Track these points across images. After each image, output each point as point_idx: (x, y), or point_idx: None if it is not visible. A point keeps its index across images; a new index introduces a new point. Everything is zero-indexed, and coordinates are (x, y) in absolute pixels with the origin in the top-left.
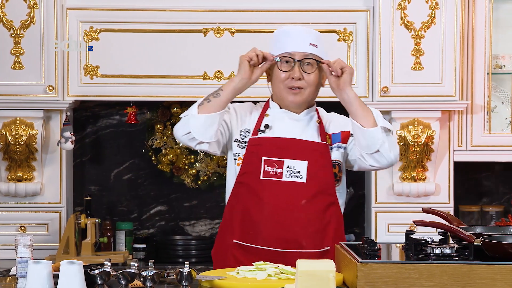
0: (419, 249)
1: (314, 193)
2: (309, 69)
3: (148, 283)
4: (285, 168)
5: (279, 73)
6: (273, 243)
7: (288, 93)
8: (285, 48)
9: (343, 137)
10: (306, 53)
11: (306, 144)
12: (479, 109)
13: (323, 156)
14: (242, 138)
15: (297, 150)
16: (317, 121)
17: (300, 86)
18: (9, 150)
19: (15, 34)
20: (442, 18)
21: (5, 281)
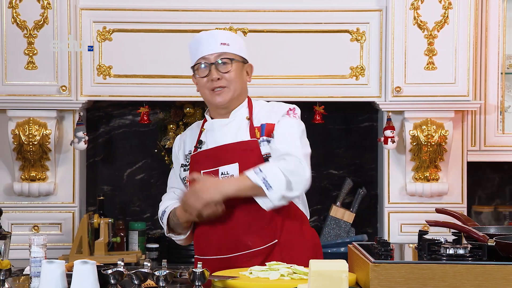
0: (432, 249)
1: None
2: (225, 68)
3: (161, 283)
4: (220, 176)
5: (200, 79)
6: (224, 250)
7: (212, 96)
8: (198, 54)
9: (267, 130)
10: (218, 53)
11: (235, 146)
12: (493, 109)
13: (253, 153)
14: (187, 161)
15: (228, 155)
16: (247, 118)
17: (221, 85)
18: (22, 150)
19: (29, 34)
20: (455, 18)
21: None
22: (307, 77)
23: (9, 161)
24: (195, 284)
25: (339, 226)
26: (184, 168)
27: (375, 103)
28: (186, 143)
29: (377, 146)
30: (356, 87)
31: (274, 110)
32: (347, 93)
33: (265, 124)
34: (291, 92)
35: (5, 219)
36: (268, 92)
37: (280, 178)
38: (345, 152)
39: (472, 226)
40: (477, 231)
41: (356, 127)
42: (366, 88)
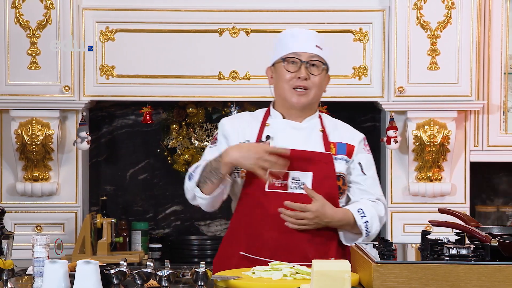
0: (435, 249)
1: None
2: (315, 70)
3: (163, 283)
4: (290, 180)
5: (284, 73)
6: (278, 255)
7: (292, 94)
8: (291, 49)
9: (348, 151)
10: (312, 54)
11: (310, 154)
12: (495, 109)
13: (327, 166)
14: None
15: (302, 161)
16: (320, 130)
17: (306, 86)
18: (25, 150)
19: (32, 35)
20: (458, 18)
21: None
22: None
23: (12, 161)
24: (198, 284)
25: None
26: None
27: (378, 103)
28: (242, 130)
29: (379, 146)
30: (358, 87)
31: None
32: (350, 93)
33: (346, 144)
34: None
35: (8, 219)
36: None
37: (377, 228)
38: None
39: (475, 226)
40: (480, 231)
41: (359, 127)
42: (369, 88)
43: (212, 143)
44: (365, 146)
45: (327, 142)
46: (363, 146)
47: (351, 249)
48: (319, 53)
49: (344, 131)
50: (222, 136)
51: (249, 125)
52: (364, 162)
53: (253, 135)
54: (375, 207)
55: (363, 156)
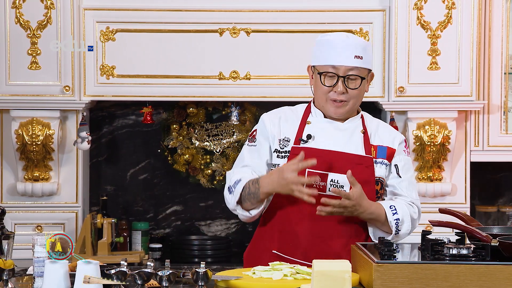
0: (435, 249)
1: None
2: (352, 84)
3: (164, 283)
4: (328, 182)
5: (320, 85)
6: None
7: (330, 105)
8: (328, 61)
9: (389, 154)
10: (350, 67)
11: (350, 157)
12: (496, 109)
13: (367, 170)
14: (281, 147)
15: (341, 164)
16: (362, 131)
17: (343, 99)
18: (26, 150)
19: (32, 35)
20: (458, 18)
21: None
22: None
23: (12, 161)
24: (198, 284)
25: None
26: (279, 154)
27: (378, 103)
28: (282, 127)
29: None
30: None
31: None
32: None
33: (386, 148)
34: (295, 92)
35: (8, 219)
36: (272, 92)
37: (407, 229)
38: None
39: (476, 226)
40: (481, 231)
41: None
42: (370, 88)
43: (250, 142)
44: (405, 148)
45: (368, 144)
46: (403, 148)
47: (352, 249)
48: (358, 64)
49: (385, 133)
50: (261, 136)
51: (289, 122)
52: (401, 164)
53: (293, 132)
54: (409, 207)
55: (401, 158)
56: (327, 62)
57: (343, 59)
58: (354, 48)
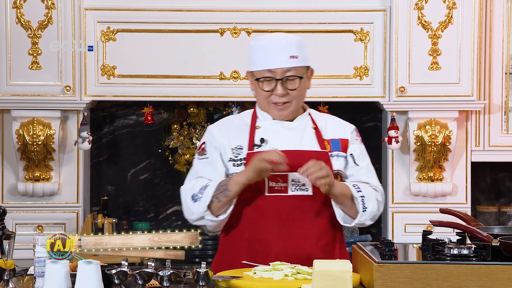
0: (436, 249)
1: (320, 205)
2: (291, 85)
3: (165, 283)
4: (290, 182)
5: (260, 90)
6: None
7: (273, 109)
8: (264, 65)
9: (343, 146)
10: (286, 68)
11: (306, 154)
12: (497, 109)
13: None
14: (235, 156)
15: (299, 162)
16: (313, 127)
17: (285, 101)
18: (26, 150)
19: (33, 35)
20: (459, 18)
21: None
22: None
23: (13, 161)
24: (199, 284)
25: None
26: (234, 163)
27: (379, 103)
28: (231, 136)
29: (381, 146)
30: (360, 87)
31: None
32: (351, 93)
33: (339, 140)
34: None
35: (9, 219)
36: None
37: (373, 207)
38: None
39: (476, 226)
40: (481, 231)
41: (360, 127)
42: (370, 88)
43: (200, 155)
44: (357, 137)
45: (321, 139)
46: (355, 137)
47: (353, 249)
48: (294, 64)
49: (335, 125)
50: (212, 147)
51: (238, 129)
52: (357, 153)
53: (245, 139)
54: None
55: (355, 147)
56: (263, 66)
57: (278, 61)
58: (288, 49)
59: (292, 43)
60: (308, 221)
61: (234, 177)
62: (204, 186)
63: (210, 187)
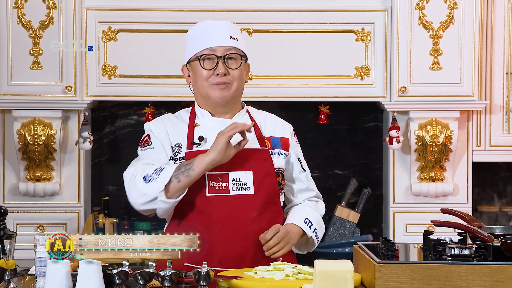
0: (437, 249)
1: (262, 204)
2: (233, 64)
3: (166, 283)
4: (230, 181)
5: (201, 71)
6: (228, 262)
7: (214, 90)
8: (205, 44)
9: (283, 144)
10: (228, 47)
11: (246, 152)
12: (498, 109)
13: (266, 162)
14: (175, 154)
15: (239, 160)
16: (252, 124)
17: (226, 81)
18: (28, 150)
19: (34, 35)
20: (460, 18)
21: (24, 280)
22: (312, 77)
23: (14, 161)
24: (200, 284)
25: (344, 226)
26: (174, 162)
27: (380, 103)
28: (170, 134)
29: (382, 146)
30: (361, 87)
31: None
32: (352, 93)
33: (279, 138)
34: (296, 92)
35: (10, 219)
36: (274, 92)
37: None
38: (350, 152)
39: (477, 226)
40: (483, 231)
41: (361, 127)
42: (371, 88)
43: (144, 146)
44: (296, 138)
45: (261, 136)
46: (295, 138)
47: (354, 249)
48: (235, 44)
49: (274, 123)
50: (155, 138)
51: (176, 127)
52: (302, 156)
53: (183, 138)
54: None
55: (298, 150)
56: (203, 46)
57: (219, 40)
58: (228, 30)
59: (232, 26)
60: (250, 220)
61: (200, 155)
62: (159, 168)
63: (169, 168)
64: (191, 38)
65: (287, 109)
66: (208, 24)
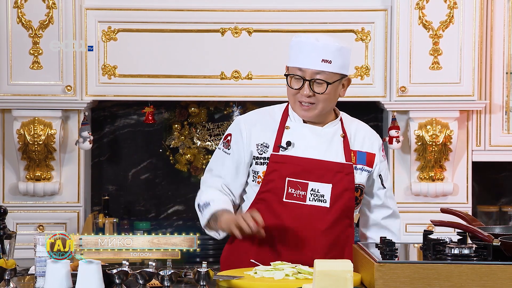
0: (437, 249)
1: (335, 218)
2: (318, 89)
3: (166, 283)
4: (309, 191)
5: (289, 87)
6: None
7: (299, 108)
8: (296, 63)
9: (368, 160)
10: (317, 70)
11: (330, 165)
12: (498, 108)
13: (347, 178)
14: (260, 153)
15: (322, 172)
16: (341, 136)
17: (311, 102)
18: (27, 149)
19: (34, 34)
20: (460, 18)
21: (24, 280)
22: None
23: (14, 161)
24: (200, 283)
25: None
26: (257, 161)
27: (380, 103)
28: (258, 132)
29: None
30: (361, 87)
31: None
32: (352, 92)
33: (366, 153)
34: None
35: (10, 219)
36: (274, 92)
37: None
38: None
39: (477, 226)
40: (482, 231)
41: None
42: (371, 87)
43: (225, 147)
44: (383, 152)
45: (348, 150)
46: (382, 153)
47: (354, 248)
48: (326, 68)
49: (364, 136)
50: (235, 144)
51: (267, 126)
52: (384, 173)
53: (271, 138)
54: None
55: (382, 166)
56: (295, 64)
57: (310, 62)
58: (322, 52)
59: (329, 47)
60: (319, 233)
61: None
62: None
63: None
64: (291, 48)
65: None
66: (305, 40)
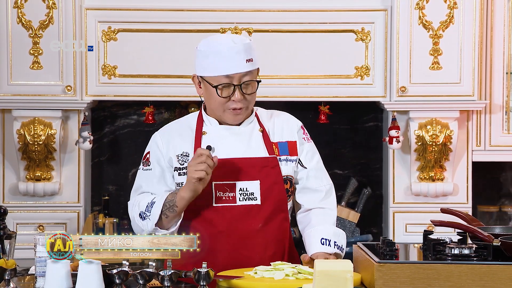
0: (437, 249)
1: (269, 214)
2: (249, 90)
3: (166, 283)
4: (237, 192)
5: (217, 96)
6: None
7: (228, 114)
8: (220, 71)
9: (291, 149)
10: (244, 73)
11: (254, 161)
12: (498, 108)
13: (273, 171)
14: (181, 164)
15: (247, 169)
16: (260, 130)
17: (242, 106)
18: (27, 149)
19: (34, 34)
20: (460, 18)
21: (24, 280)
22: (312, 77)
23: (14, 161)
24: (200, 284)
25: (344, 226)
26: (180, 172)
27: (380, 103)
28: (176, 143)
29: (382, 146)
30: (361, 87)
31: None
32: (352, 93)
33: (286, 142)
34: (296, 92)
35: (10, 219)
36: (273, 92)
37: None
38: (350, 152)
39: (477, 226)
40: (482, 231)
41: (361, 127)
42: (371, 88)
43: (145, 165)
44: (304, 135)
45: (269, 143)
46: (302, 135)
47: (354, 248)
48: (251, 67)
49: (282, 125)
50: (154, 159)
51: (183, 135)
52: (304, 154)
53: (190, 146)
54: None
55: (302, 148)
56: (219, 72)
57: (236, 66)
58: (244, 52)
59: (246, 46)
60: (254, 232)
61: (180, 192)
62: (150, 204)
63: (157, 204)
64: (205, 56)
65: (287, 109)
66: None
